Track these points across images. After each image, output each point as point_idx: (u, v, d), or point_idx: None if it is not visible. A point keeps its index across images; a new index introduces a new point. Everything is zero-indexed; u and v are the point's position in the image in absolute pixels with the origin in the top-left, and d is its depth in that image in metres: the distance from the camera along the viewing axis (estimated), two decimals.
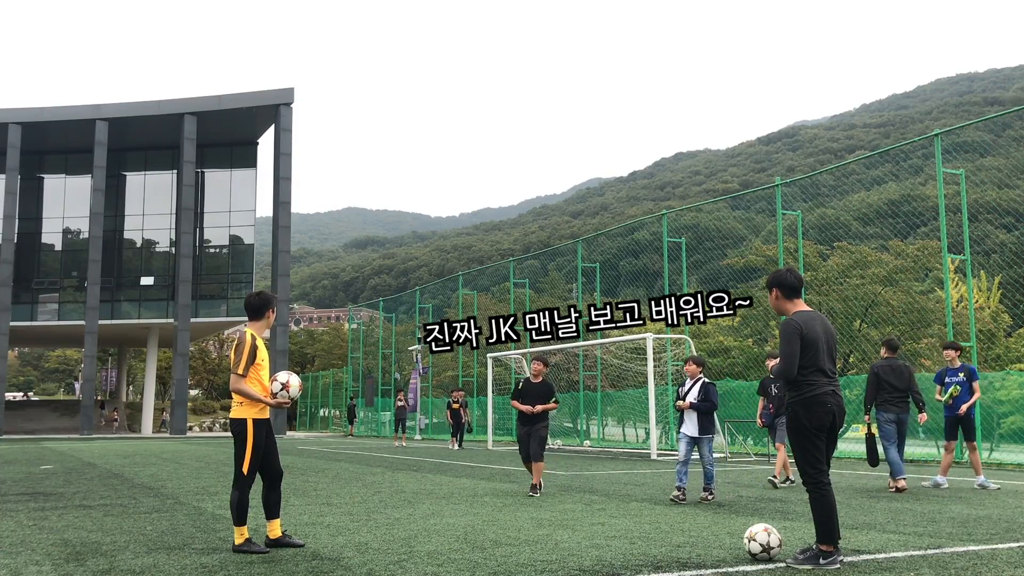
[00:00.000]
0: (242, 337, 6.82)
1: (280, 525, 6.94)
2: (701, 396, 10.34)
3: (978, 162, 48.00)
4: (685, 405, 10.33)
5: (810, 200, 32.88)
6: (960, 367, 12.04)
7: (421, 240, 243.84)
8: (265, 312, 7.02)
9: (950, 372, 12.09)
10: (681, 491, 10.03)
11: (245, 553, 6.48)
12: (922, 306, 27.54)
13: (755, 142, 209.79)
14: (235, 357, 6.75)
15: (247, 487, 6.67)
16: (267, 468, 6.89)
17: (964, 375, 11.99)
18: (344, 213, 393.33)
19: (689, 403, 10.31)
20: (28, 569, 5.96)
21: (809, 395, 5.98)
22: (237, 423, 6.74)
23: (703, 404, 10.29)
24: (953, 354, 12.16)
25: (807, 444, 5.99)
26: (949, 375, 12.10)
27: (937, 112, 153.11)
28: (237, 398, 6.78)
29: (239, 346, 6.77)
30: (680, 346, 25.83)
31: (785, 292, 6.27)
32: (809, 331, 6.04)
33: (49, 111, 51.41)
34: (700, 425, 10.30)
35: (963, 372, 12.01)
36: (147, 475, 15.18)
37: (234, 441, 6.77)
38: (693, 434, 10.32)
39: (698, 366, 10.94)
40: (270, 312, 7.05)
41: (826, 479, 5.98)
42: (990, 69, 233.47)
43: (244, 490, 6.65)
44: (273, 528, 6.87)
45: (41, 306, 53.78)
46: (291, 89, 51.76)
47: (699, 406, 10.29)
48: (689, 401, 10.33)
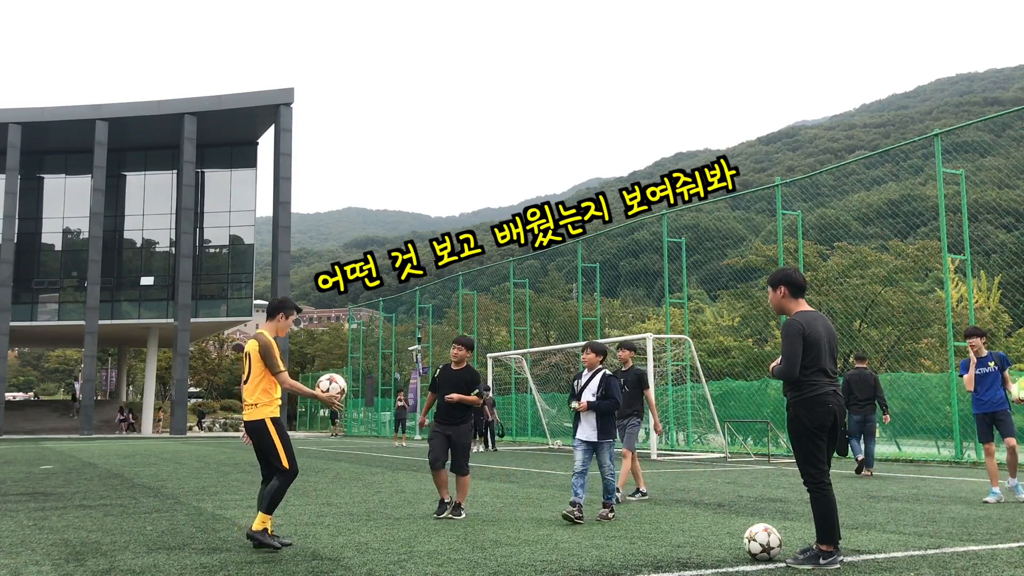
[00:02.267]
0: (264, 338, 6.91)
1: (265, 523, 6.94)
2: (601, 392, 8.52)
3: (978, 162, 47.99)
4: (582, 407, 8.47)
5: (810, 200, 32.87)
6: (988, 355, 10.41)
7: (421, 240, 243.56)
8: (276, 315, 7.14)
9: (979, 362, 10.39)
10: (577, 506, 8.27)
11: (256, 541, 6.57)
12: (922, 306, 27.58)
13: (755, 142, 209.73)
14: (268, 359, 6.84)
15: (290, 480, 6.80)
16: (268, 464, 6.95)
17: (995, 363, 10.38)
18: (344, 213, 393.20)
19: (586, 403, 8.48)
20: (28, 569, 5.96)
21: (811, 395, 5.97)
22: (255, 424, 6.82)
23: (604, 403, 8.46)
24: (979, 342, 10.46)
25: (808, 444, 5.99)
26: (979, 366, 10.38)
27: (937, 112, 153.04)
28: (251, 400, 6.84)
29: (267, 348, 6.86)
30: (680, 346, 25.83)
31: (792, 291, 6.26)
32: (812, 331, 6.04)
33: (49, 111, 51.43)
34: (600, 427, 8.52)
35: (993, 361, 10.38)
36: (147, 475, 15.18)
37: (259, 441, 6.85)
38: (591, 439, 8.51)
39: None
40: (281, 316, 7.14)
41: (827, 479, 5.98)
42: (990, 69, 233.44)
43: (287, 482, 6.78)
44: (262, 521, 6.82)
45: (41, 306, 53.80)
46: (291, 89, 51.79)
47: (600, 405, 8.46)
48: (586, 401, 8.50)
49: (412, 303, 47.06)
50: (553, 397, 33.63)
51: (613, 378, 8.63)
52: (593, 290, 33.68)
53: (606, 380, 8.56)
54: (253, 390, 6.86)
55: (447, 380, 8.95)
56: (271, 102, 51.35)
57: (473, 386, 8.97)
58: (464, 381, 8.94)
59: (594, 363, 8.78)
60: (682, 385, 26.06)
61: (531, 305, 40.52)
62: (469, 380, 8.97)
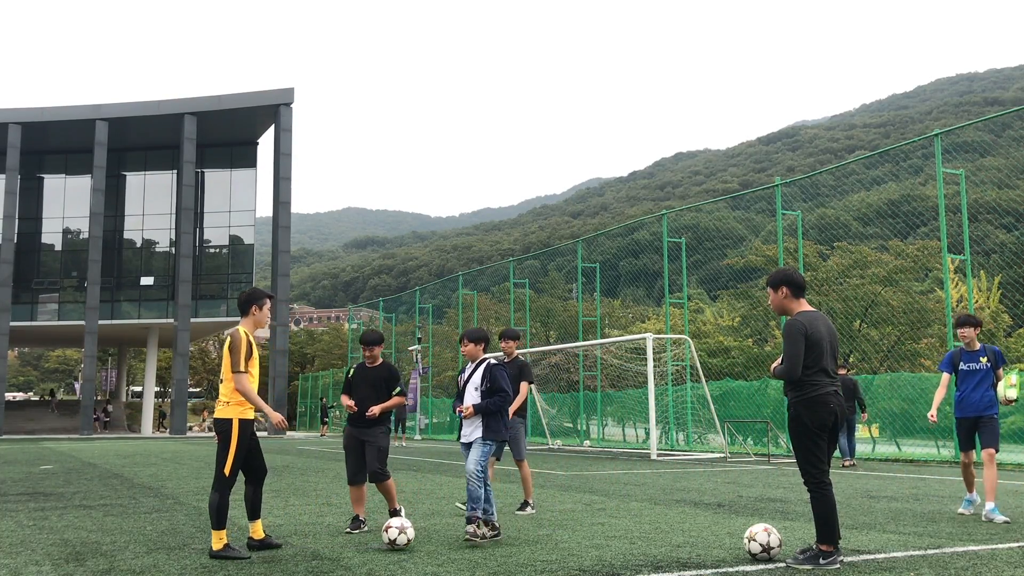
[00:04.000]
0: (235, 334, 6.68)
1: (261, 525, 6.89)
2: (485, 386, 7.30)
3: (978, 162, 47.96)
4: (468, 412, 7.21)
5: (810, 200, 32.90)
6: (981, 349, 8.70)
7: (421, 240, 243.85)
8: (248, 309, 6.84)
9: (966, 356, 8.70)
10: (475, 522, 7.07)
11: (223, 559, 6.24)
12: (922, 306, 27.58)
13: (755, 142, 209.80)
14: (232, 356, 6.57)
15: (228, 489, 6.47)
16: (251, 468, 6.74)
17: (988, 359, 8.64)
18: (344, 213, 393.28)
19: (472, 408, 7.22)
20: (28, 569, 5.96)
21: (812, 395, 5.97)
22: (222, 423, 6.58)
23: (492, 401, 7.23)
24: (971, 332, 8.70)
25: (809, 444, 5.99)
26: (965, 360, 8.69)
27: (937, 112, 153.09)
28: (223, 397, 6.62)
29: (235, 344, 6.60)
30: (680, 346, 25.82)
31: (794, 291, 6.26)
32: (814, 331, 6.05)
33: (49, 111, 51.42)
34: (485, 424, 7.26)
35: (986, 356, 8.65)
36: (147, 475, 15.18)
37: (218, 441, 6.61)
38: (470, 438, 7.31)
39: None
40: (254, 309, 6.83)
41: (827, 479, 5.98)
42: (990, 69, 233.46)
43: (225, 492, 6.44)
44: (256, 529, 6.79)
45: (41, 306, 53.80)
46: (291, 89, 51.80)
47: (488, 405, 7.23)
48: (471, 406, 7.23)
49: (412, 303, 47.06)
50: (553, 397, 33.64)
51: (500, 367, 7.43)
52: (593, 290, 33.67)
53: (490, 371, 7.35)
54: (225, 387, 6.64)
55: (362, 380, 7.95)
56: (271, 102, 51.35)
57: (393, 384, 7.96)
58: (382, 379, 7.92)
59: (475, 354, 7.55)
60: (682, 385, 26.06)
61: (531, 305, 40.51)
62: (388, 378, 7.95)
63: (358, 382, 7.92)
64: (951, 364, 8.80)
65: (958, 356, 8.76)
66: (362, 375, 7.95)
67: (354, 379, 7.98)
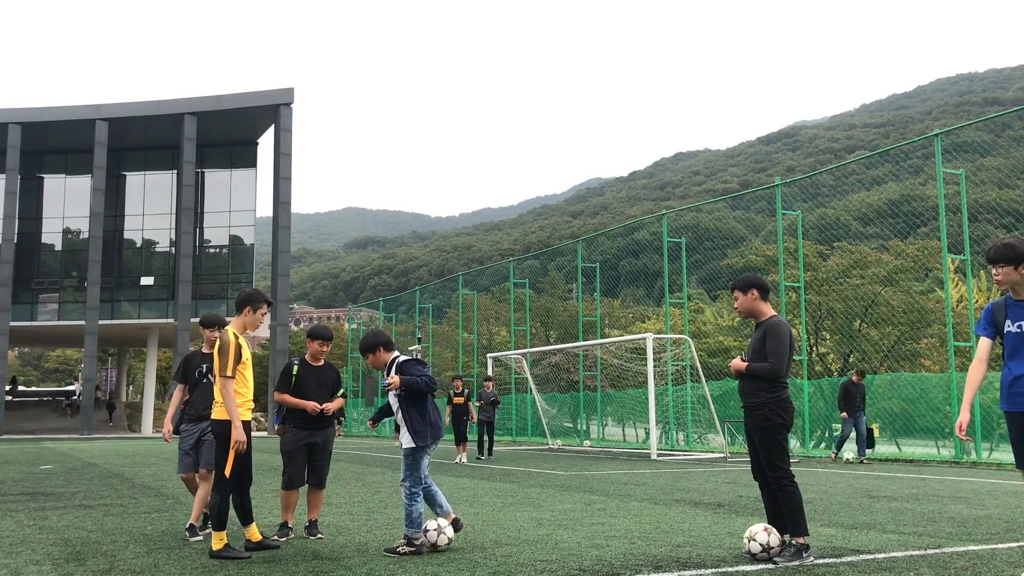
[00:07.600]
0: (224, 337, 6.59)
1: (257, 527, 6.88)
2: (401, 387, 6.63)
3: (978, 162, 47.93)
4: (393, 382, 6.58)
5: (810, 200, 32.86)
6: None
7: (421, 240, 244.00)
8: (243, 308, 6.78)
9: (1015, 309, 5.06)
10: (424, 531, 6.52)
11: (223, 559, 6.23)
12: (922, 306, 27.55)
13: (755, 142, 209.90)
14: (220, 359, 6.50)
15: (228, 491, 6.47)
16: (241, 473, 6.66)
17: None
18: (344, 213, 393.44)
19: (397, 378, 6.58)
20: (28, 569, 5.96)
21: (784, 396, 6.31)
22: (220, 424, 6.52)
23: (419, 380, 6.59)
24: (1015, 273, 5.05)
25: (782, 441, 6.28)
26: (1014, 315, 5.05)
27: (937, 112, 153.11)
28: (218, 398, 6.56)
29: (223, 347, 6.51)
30: (680, 346, 25.82)
31: (763, 294, 6.54)
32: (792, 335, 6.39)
33: (49, 111, 51.46)
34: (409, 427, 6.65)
35: None
36: (147, 475, 15.17)
37: (216, 443, 6.57)
38: (407, 443, 6.66)
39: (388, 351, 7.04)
40: (248, 310, 6.76)
41: (792, 474, 6.26)
42: (990, 69, 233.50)
43: (226, 494, 6.44)
44: (252, 532, 6.76)
45: (41, 306, 53.84)
46: (291, 89, 51.83)
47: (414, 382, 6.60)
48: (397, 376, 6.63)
49: (412, 303, 47.04)
50: (553, 397, 33.63)
51: (410, 361, 6.80)
52: (593, 290, 33.67)
53: (398, 366, 6.77)
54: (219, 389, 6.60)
55: (309, 379, 7.46)
56: (271, 102, 51.37)
57: (339, 386, 7.65)
58: (332, 380, 7.61)
59: (381, 361, 6.88)
60: (682, 385, 26.06)
61: (531, 305, 40.50)
62: (337, 379, 7.68)
63: (308, 382, 7.44)
64: (991, 322, 5.21)
65: (1002, 309, 5.15)
66: (308, 374, 7.49)
67: (300, 378, 7.45)
